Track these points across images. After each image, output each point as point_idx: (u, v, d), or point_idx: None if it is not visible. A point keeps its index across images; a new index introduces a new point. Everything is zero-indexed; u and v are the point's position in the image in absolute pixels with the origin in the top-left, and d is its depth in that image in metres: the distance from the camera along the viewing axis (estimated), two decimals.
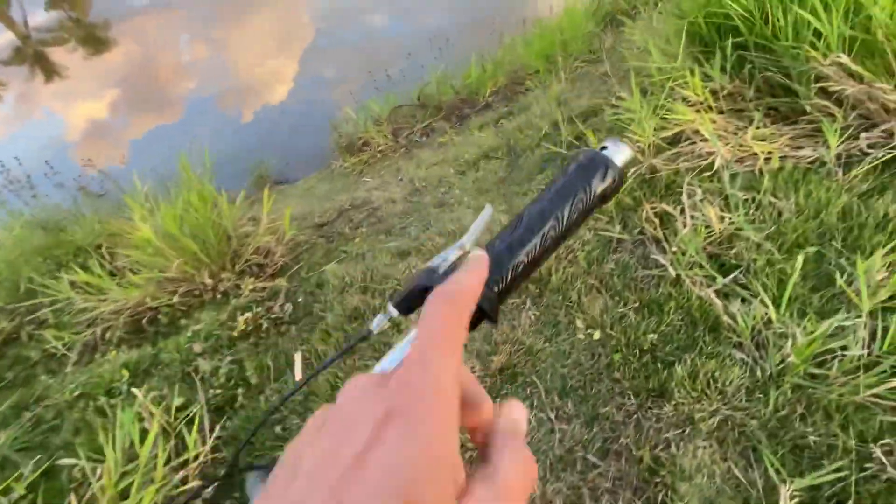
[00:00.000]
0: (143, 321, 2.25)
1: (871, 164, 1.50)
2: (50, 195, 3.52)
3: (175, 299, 2.20)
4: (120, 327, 2.22)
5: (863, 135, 1.56)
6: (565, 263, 1.65)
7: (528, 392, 1.38)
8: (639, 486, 1.11)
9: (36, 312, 2.53)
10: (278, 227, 2.60)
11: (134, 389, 1.62)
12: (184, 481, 1.34)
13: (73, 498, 1.31)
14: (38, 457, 1.57)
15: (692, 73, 1.85)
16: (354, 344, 0.42)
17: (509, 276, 0.31)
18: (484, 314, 0.30)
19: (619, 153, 0.33)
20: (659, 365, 1.29)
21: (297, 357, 1.69)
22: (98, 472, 1.34)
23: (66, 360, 2.19)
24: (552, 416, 1.31)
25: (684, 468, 1.09)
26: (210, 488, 1.34)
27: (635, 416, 1.22)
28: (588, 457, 1.20)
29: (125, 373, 1.83)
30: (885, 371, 1.06)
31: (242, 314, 1.96)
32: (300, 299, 2.01)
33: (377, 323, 0.36)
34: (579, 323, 1.45)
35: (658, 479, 1.09)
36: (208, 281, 2.22)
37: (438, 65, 4.36)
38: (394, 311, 0.37)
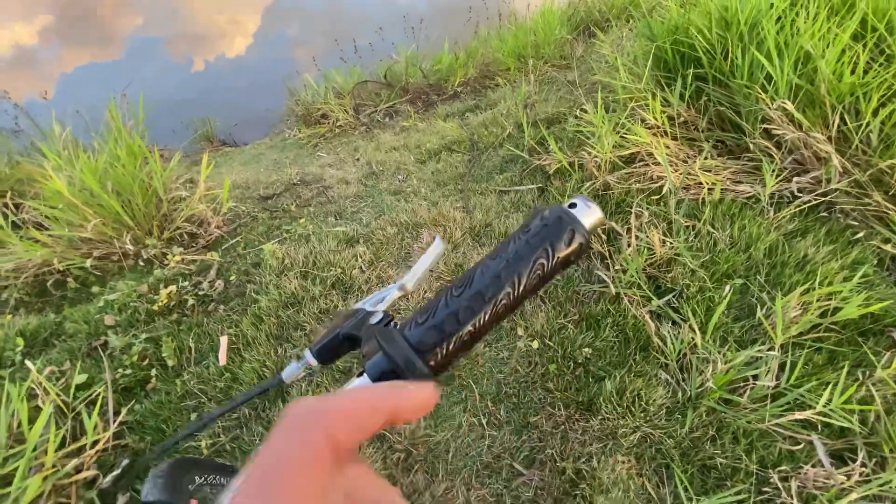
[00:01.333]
0: (49, 283, 2.01)
1: (798, 208, 1.62)
2: None
3: (88, 263, 1.98)
4: (19, 288, 1.97)
5: (795, 178, 1.68)
6: None
7: (464, 396, 1.37)
8: (559, 497, 1.14)
9: None
10: (216, 196, 2.41)
11: (28, 362, 1.44)
12: (78, 469, 1.21)
13: None
14: None
15: (654, 96, 1.90)
16: (260, 392, 0.36)
17: (448, 350, 0.27)
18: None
19: (588, 214, 0.29)
20: (590, 379, 1.32)
21: (223, 341, 1.57)
22: None
23: None
24: (484, 421, 1.31)
25: (603, 482, 1.13)
26: (108, 478, 1.22)
27: (563, 426, 1.25)
28: (514, 465, 1.21)
29: (20, 341, 1.62)
30: (789, 403, 1.15)
31: (166, 287, 1.80)
32: (233, 277, 1.88)
33: (290, 371, 0.31)
34: (520, 331, 1.46)
35: (577, 492, 1.13)
36: (130, 246, 2.01)
37: (409, 44, 4.22)
38: (311, 360, 0.32)
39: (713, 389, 1.20)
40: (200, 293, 1.80)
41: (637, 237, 1.54)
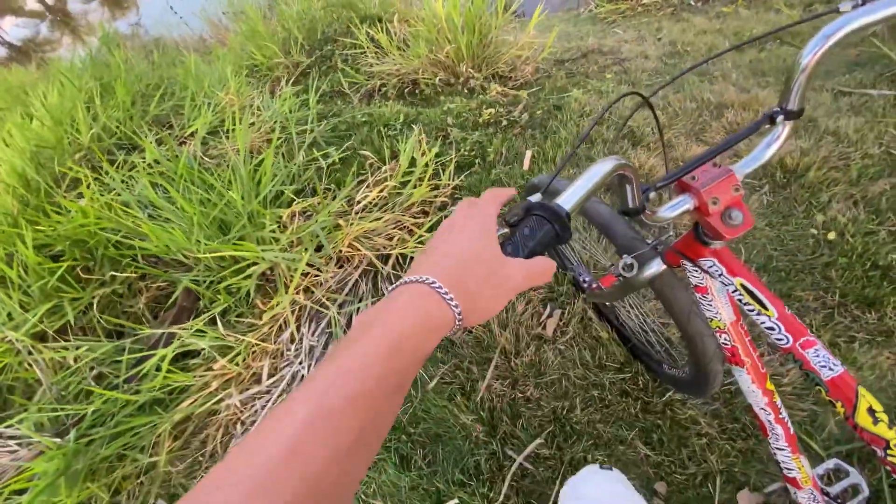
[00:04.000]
0: (406, 90, 2.76)
1: None
2: None
3: (437, 79, 2.63)
4: (393, 87, 2.77)
5: None
6: (830, 165, 1.56)
7: None
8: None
9: (329, 58, 3.24)
10: (529, 45, 2.75)
11: (413, 125, 2.14)
12: (436, 196, 1.86)
13: (369, 174, 1.93)
14: (343, 146, 2.23)
15: None
16: (817, 16, 0.56)
17: None
18: None
19: None
20: (885, 283, 1.28)
21: (528, 154, 2.00)
22: (386, 167, 1.91)
23: (351, 98, 2.86)
24: None
25: (858, 360, 1.17)
26: (448, 209, 1.84)
27: (830, 309, 1.29)
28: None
29: (401, 116, 2.37)
30: None
31: (487, 108, 2.30)
32: (538, 113, 2.25)
33: (833, 26, 0.52)
34: (819, 218, 1.45)
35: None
36: (465, 73, 2.56)
37: None
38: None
39: None
40: (511, 118, 2.25)
41: None
